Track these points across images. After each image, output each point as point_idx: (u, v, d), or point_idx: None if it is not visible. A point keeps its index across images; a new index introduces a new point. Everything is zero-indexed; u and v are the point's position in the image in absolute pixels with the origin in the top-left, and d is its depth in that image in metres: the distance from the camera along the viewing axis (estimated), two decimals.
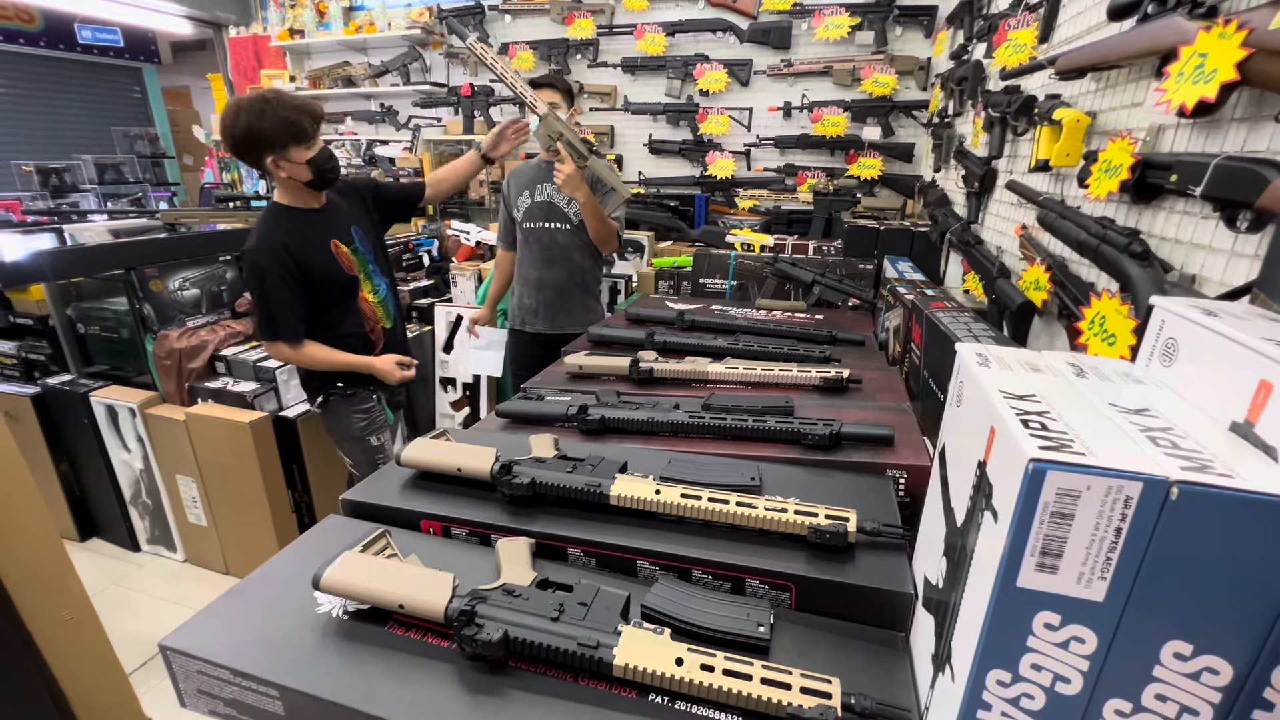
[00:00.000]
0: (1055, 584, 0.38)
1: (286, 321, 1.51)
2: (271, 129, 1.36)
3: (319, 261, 1.53)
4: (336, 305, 1.59)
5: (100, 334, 2.16)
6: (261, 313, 1.52)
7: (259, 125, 1.35)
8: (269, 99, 1.37)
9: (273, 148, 1.38)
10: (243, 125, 1.35)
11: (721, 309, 1.85)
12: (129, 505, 2.19)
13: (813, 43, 2.80)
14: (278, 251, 1.48)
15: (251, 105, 1.36)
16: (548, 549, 0.77)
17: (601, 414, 1.05)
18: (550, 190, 2.04)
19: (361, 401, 1.70)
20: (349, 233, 1.62)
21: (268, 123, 1.35)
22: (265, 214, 1.53)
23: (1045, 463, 0.37)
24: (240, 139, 1.36)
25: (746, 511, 0.73)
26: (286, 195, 1.51)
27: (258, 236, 1.49)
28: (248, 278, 1.52)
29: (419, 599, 0.63)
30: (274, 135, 1.37)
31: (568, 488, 0.81)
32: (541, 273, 2.08)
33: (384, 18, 3.73)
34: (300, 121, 1.39)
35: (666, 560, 0.72)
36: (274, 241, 1.48)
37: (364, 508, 0.86)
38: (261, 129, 1.35)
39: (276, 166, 1.41)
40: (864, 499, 0.82)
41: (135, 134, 5.34)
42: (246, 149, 1.38)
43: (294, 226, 1.51)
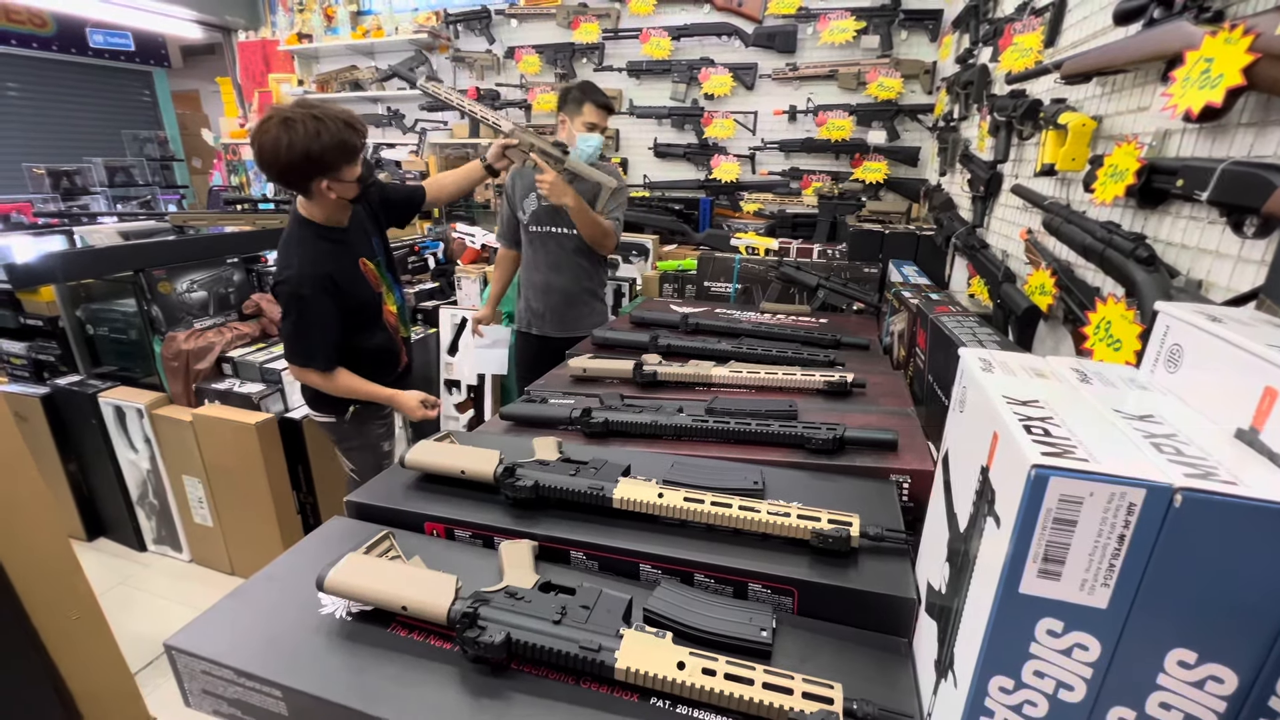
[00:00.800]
0: (1058, 590, 0.38)
1: (324, 351, 1.45)
2: (330, 152, 1.24)
3: (356, 287, 1.48)
4: (368, 324, 1.55)
5: (109, 335, 2.18)
6: (298, 341, 1.44)
7: (316, 148, 1.22)
8: (320, 117, 1.22)
9: (328, 171, 1.26)
10: (300, 148, 1.20)
11: (725, 312, 1.85)
12: (136, 505, 2.20)
13: (818, 47, 2.80)
14: (323, 281, 1.39)
15: (305, 124, 1.20)
16: (550, 552, 0.77)
17: (605, 417, 1.05)
18: None
19: (381, 408, 1.68)
20: (372, 247, 1.57)
21: (325, 144, 1.22)
22: (300, 238, 1.40)
23: (1048, 469, 0.37)
24: (297, 163, 1.21)
25: (749, 515, 0.73)
26: (320, 213, 1.39)
27: (300, 265, 1.38)
28: (287, 305, 1.40)
29: (422, 601, 0.63)
30: (332, 158, 1.25)
31: (571, 490, 0.81)
32: (549, 277, 2.09)
33: (391, 22, 3.76)
34: (353, 140, 1.28)
35: (669, 564, 0.72)
36: (319, 271, 1.39)
37: (368, 510, 0.87)
38: (320, 153, 1.22)
39: (328, 190, 1.28)
40: (867, 504, 0.81)
41: (145, 137, 5.40)
42: (299, 174, 1.24)
43: (333, 251, 1.43)
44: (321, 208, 1.40)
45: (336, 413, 1.63)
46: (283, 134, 1.21)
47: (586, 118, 1.95)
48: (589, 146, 1.93)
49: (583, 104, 1.95)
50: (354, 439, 1.68)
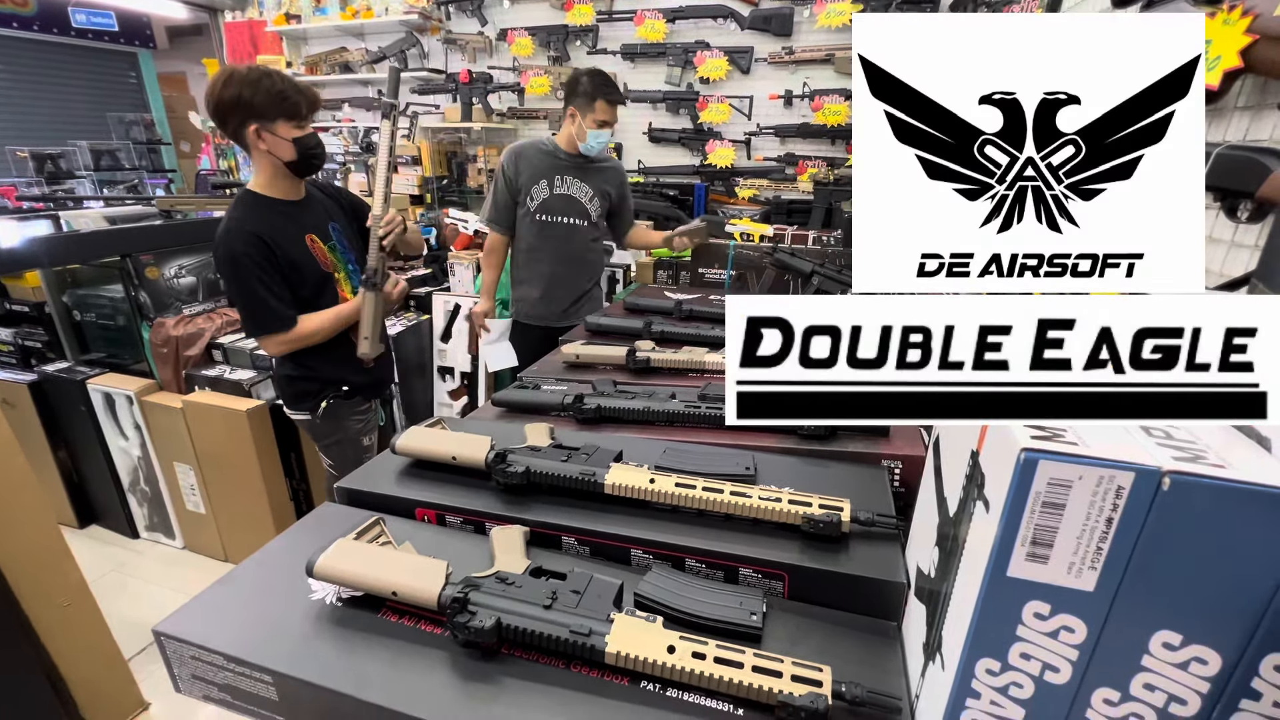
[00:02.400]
0: (1045, 574, 0.38)
1: (275, 310, 1.41)
2: (263, 100, 1.30)
3: (295, 254, 1.45)
4: (313, 300, 1.50)
5: (96, 321, 2.16)
6: (246, 307, 1.41)
7: (249, 94, 1.29)
8: (269, 73, 1.32)
9: (260, 118, 1.31)
10: (232, 90, 1.29)
11: (720, 299, 1.84)
12: (127, 492, 2.19)
13: (814, 30, 2.76)
14: (249, 238, 1.37)
15: (248, 74, 1.30)
16: (542, 537, 0.77)
17: (597, 403, 1.04)
18: (570, 183, 2.00)
19: (360, 403, 1.64)
20: (326, 229, 1.54)
21: (260, 93, 1.29)
22: (236, 200, 1.42)
23: (1037, 452, 0.36)
24: (228, 102, 1.29)
25: (740, 501, 0.73)
26: (263, 181, 1.42)
27: (229, 222, 1.39)
28: (223, 269, 1.39)
29: (412, 586, 0.63)
30: (264, 106, 1.31)
31: (562, 476, 0.81)
32: (556, 268, 2.05)
33: (381, 3, 3.69)
34: (295, 99, 1.33)
35: (660, 549, 0.72)
36: (245, 227, 1.38)
37: (359, 495, 0.86)
38: (252, 98, 1.29)
39: (258, 137, 1.33)
40: (859, 489, 0.81)
41: (131, 120, 5.29)
42: (230, 113, 1.30)
43: (266, 215, 1.43)
44: (264, 174, 1.41)
45: (309, 409, 1.57)
46: (227, 78, 1.29)
47: (599, 115, 1.89)
48: (599, 143, 1.91)
49: (594, 100, 1.87)
50: (330, 434, 1.63)
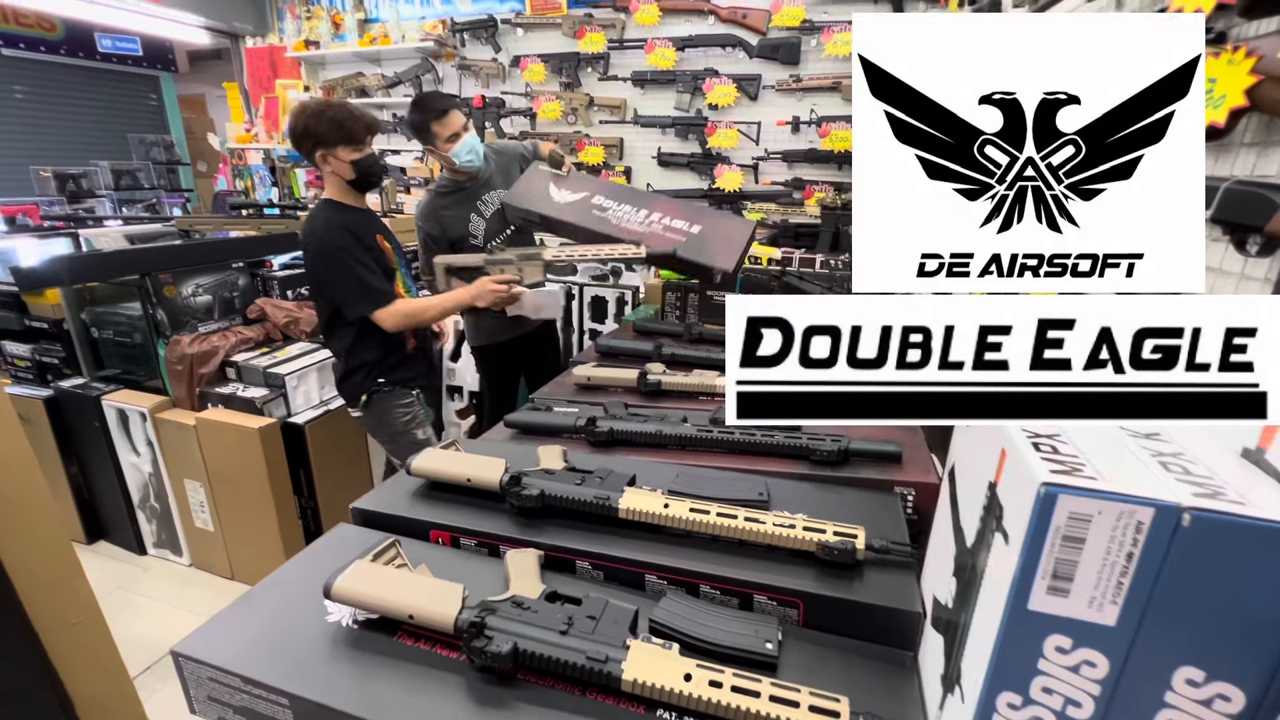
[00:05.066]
0: (1066, 607, 0.38)
1: (379, 287, 1.61)
2: (325, 128, 1.54)
3: (372, 244, 1.67)
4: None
5: (113, 338, 2.19)
6: (355, 287, 1.58)
7: (315, 123, 1.53)
8: (331, 104, 1.57)
9: (324, 144, 1.56)
10: (303, 121, 1.55)
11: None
12: (137, 509, 2.20)
13: (822, 59, 2.82)
14: (345, 232, 1.60)
15: (315, 106, 1.56)
16: (556, 561, 0.78)
17: (610, 426, 1.05)
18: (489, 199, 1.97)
19: (402, 397, 1.74)
20: (388, 232, 1.77)
21: (323, 122, 1.54)
22: (318, 209, 1.64)
23: (1057, 487, 0.37)
24: (300, 131, 1.55)
25: (754, 527, 0.73)
26: (335, 194, 1.65)
27: (322, 223, 1.59)
28: (323, 264, 1.59)
29: (429, 610, 0.63)
30: (326, 133, 1.54)
31: (576, 500, 0.81)
32: None
33: (398, 30, 3.80)
34: (352, 126, 1.56)
35: (675, 574, 0.73)
36: (336, 224, 1.60)
37: (374, 517, 0.87)
38: (316, 127, 1.54)
39: (325, 161, 1.58)
40: (872, 516, 0.82)
41: (151, 141, 5.42)
42: (302, 139, 1.56)
43: (348, 215, 1.65)
44: (334, 187, 1.64)
45: (352, 400, 1.73)
46: (300, 106, 1.58)
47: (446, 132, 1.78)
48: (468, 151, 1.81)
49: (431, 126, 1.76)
50: (382, 429, 1.75)
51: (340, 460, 2.18)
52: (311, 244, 1.60)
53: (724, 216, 2.06)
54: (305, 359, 2.14)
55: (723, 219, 1.97)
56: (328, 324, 1.68)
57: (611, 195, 2.00)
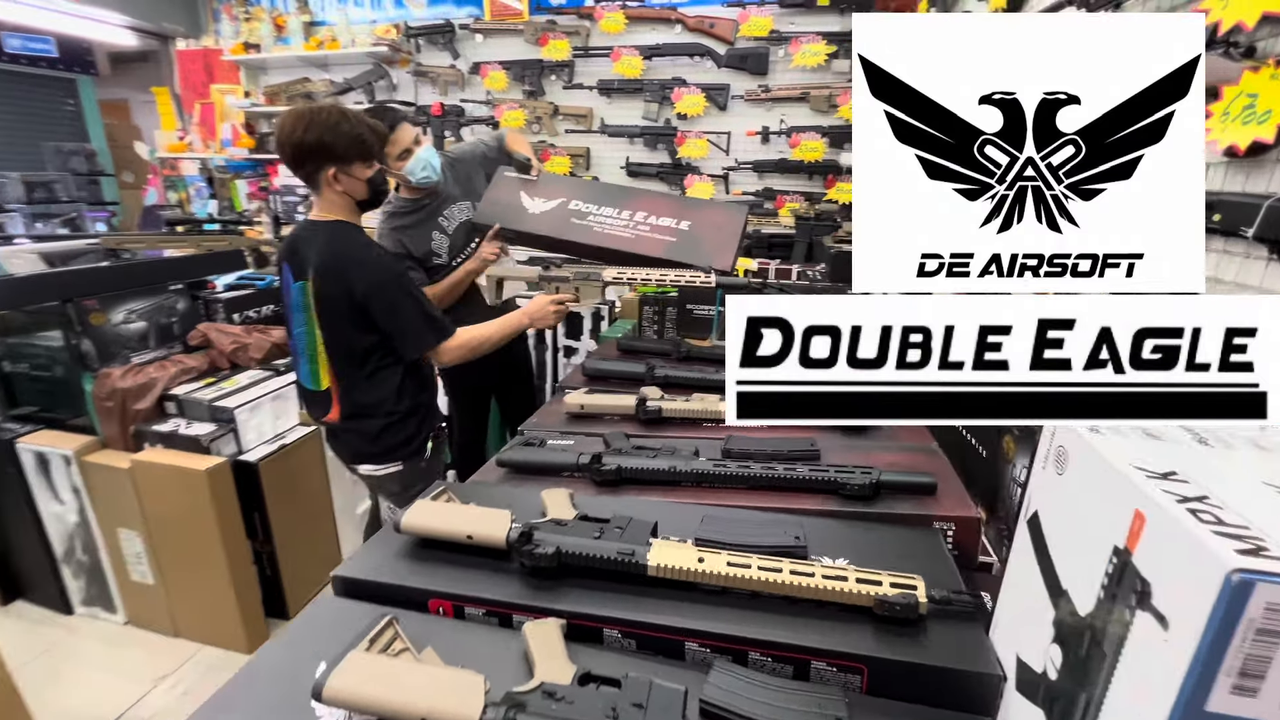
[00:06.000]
0: (1255, 709, 0.33)
1: (440, 316, 1.44)
2: (343, 144, 1.33)
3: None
4: None
5: (29, 372, 1.94)
6: (416, 323, 1.40)
7: (331, 139, 1.31)
8: (346, 115, 1.34)
9: (339, 161, 1.34)
10: (314, 135, 1.30)
11: (721, 344, 1.80)
12: (60, 563, 1.95)
13: (790, 69, 2.83)
14: (400, 258, 1.49)
15: (327, 118, 1.31)
16: (579, 629, 0.69)
17: (617, 464, 0.97)
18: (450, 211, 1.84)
19: (444, 435, 1.62)
20: None
21: (340, 138, 1.32)
22: (343, 232, 1.39)
23: (1252, 573, 0.31)
24: (310, 146, 1.31)
25: (803, 582, 0.67)
26: (344, 214, 1.41)
27: (365, 249, 1.39)
28: (381, 297, 1.35)
29: (446, 713, 0.53)
30: (344, 150, 1.33)
31: (599, 557, 0.72)
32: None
33: (347, 34, 3.61)
34: (370, 140, 1.37)
35: (719, 641, 0.65)
36: (384, 250, 1.47)
37: (360, 586, 0.76)
38: (333, 143, 1.31)
39: (335, 180, 1.35)
40: (914, 557, 0.76)
41: (70, 149, 4.98)
42: (309, 156, 1.32)
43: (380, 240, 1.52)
44: (338, 208, 1.40)
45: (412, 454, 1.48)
46: (306, 121, 1.30)
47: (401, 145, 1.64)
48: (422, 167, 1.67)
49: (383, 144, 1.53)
50: (420, 480, 1.50)
51: (298, 498, 2.00)
52: (375, 272, 1.35)
53: (712, 207, 1.97)
54: (256, 389, 1.96)
55: (711, 210, 1.89)
56: (361, 366, 1.40)
57: (589, 197, 1.89)
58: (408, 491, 1.52)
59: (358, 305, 1.35)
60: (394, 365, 1.43)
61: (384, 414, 1.43)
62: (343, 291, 1.34)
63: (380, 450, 1.45)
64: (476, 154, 1.95)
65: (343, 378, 1.41)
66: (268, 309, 2.35)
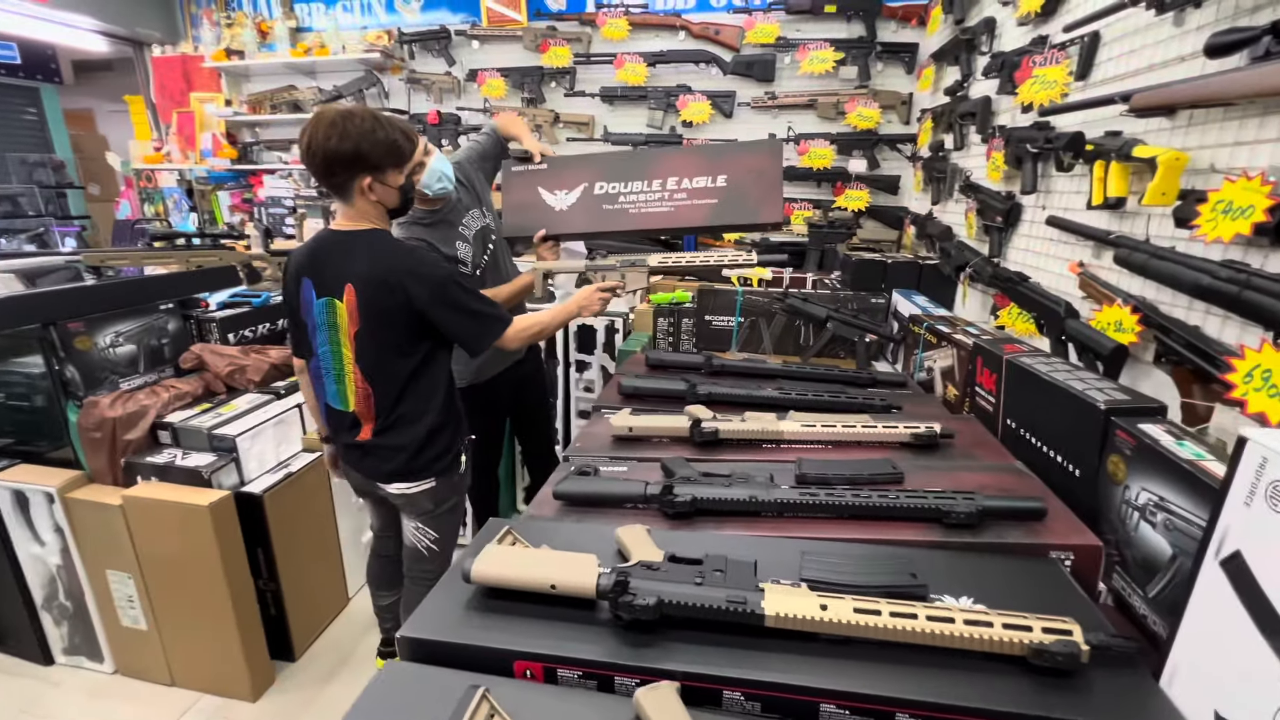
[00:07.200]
0: None
1: (497, 306, 1.40)
2: (380, 152, 1.26)
3: None
4: None
5: (6, 402, 1.79)
6: (481, 315, 1.36)
7: (368, 147, 1.24)
8: (379, 119, 1.27)
9: (375, 170, 1.27)
10: (350, 144, 1.22)
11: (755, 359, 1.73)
12: (40, 610, 1.79)
13: (797, 76, 2.80)
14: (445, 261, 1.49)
15: (361, 124, 1.24)
16: (689, 689, 0.61)
17: (692, 494, 0.90)
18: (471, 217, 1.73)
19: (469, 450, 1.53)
20: None
21: (377, 146, 1.25)
22: (394, 240, 1.35)
23: None
24: (345, 155, 1.23)
25: (943, 629, 0.60)
26: (378, 222, 1.35)
27: (420, 253, 1.36)
28: (444, 302, 1.30)
29: None
30: (380, 158, 1.27)
31: (708, 607, 0.65)
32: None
33: (337, 40, 3.49)
34: (405, 146, 1.31)
35: (859, 702, 0.58)
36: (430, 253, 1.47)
37: (433, 649, 0.67)
38: (370, 151, 1.25)
39: (370, 190, 1.28)
40: (1041, 592, 0.71)
41: (35, 160, 4.74)
42: (344, 166, 1.25)
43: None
44: (368, 216, 1.32)
45: (448, 466, 1.42)
46: (341, 122, 1.22)
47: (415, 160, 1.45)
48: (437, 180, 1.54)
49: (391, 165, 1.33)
50: (454, 494, 1.47)
51: (303, 530, 1.87)
52: (427, 274, 1.28)
53: (743, 150, 1.79)
54: (258, 414, 1.83)
55: (744, 154, 1.73)
56: (405, 377, 1.33)
57: (609, 174, 1.78)
58: (440, 508, 1.44)
59: (416, 313, 1.29)
60: (437, 373, 1.38)
61: (426, 426, 1.36)
62: (399, 302, 1.27)
63: (419, 465, 1.38)
64: (473, 155, 1.87)
65: (381, 392, 1.33)
66: (264, 328, 2.23)
